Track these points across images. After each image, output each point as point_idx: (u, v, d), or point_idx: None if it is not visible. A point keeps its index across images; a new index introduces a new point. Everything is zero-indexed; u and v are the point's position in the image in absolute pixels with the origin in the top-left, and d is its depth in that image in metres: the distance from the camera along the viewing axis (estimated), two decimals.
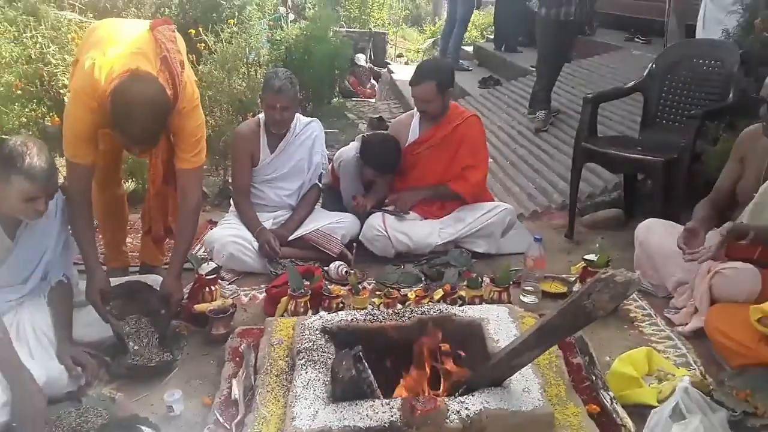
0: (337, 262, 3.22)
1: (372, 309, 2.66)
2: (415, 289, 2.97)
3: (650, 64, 3.74)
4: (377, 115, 6.82)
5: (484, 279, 3.00)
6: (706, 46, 3.68)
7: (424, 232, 3.41)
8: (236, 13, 5.78)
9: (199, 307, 2.71)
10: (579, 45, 6.36)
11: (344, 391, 1.94)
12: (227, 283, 3.13)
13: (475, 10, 9.10)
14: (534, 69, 6.80)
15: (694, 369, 2.43)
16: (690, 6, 5.12)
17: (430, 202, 3.54)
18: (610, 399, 2.13)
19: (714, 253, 2.50)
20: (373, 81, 9.07)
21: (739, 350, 2.33)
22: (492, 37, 9.07)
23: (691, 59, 3.60)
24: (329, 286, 2.92)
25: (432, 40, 12.60)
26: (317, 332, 2.29)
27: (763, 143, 2.66)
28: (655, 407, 2.08)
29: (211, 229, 3.52)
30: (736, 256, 2.64)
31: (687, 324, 2.68)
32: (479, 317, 2.38)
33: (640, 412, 2.13)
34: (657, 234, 2.90)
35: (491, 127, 5.75)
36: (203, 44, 4.99)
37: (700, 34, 4.57)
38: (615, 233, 3.76)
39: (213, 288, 2.83)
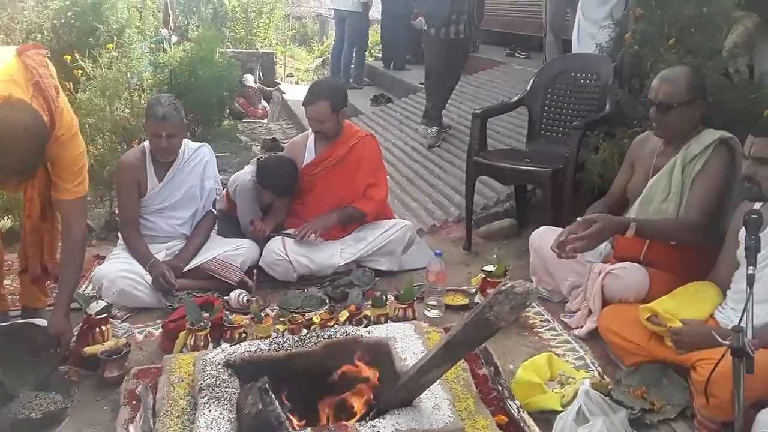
0: (238, 291, 3.12)
1: (276, 337, 2.58)
2: (319, 312, 2.92)
3: (532, 79, 3.91)
4: (270, 137, 6.73)
5: (388, 297, 3.01)
6: (582, 60, 3.89)
7: (325, 253, 3.37)
8: (115, 37, 5.54)
9: (90, 349, 2.54)
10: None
11: (251, 427, 1.87)
12: (119, 321, 2.95)
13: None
14: (423, 86, 6.98)
15: (593, 370, 2.53)
16: (564, 22, 5.39)
17: None
18: (517, 408, 2.16)
19: (583, 242, 2.56)
20: (264, 102, 8.97)
21: (632, 349, 2.45)
22: (380, 55, 9.22)
23: (569, 73, 3.79)
24: (230, 317, 2.81)
25: (321, 59, 12.64)
26: (219, 367, 2.19)
27: (651, 146, 2.84)
28: (560, 412, 2.15)
29: (99, 264, 3.31)
30: (624, 257, 2.79)
31: (582, 326, 2.78)
32: (386, 336, 2.36)
33: (545, 417, 2.19)
34: (549, 241, 3.00)
35: (385, 144, 5.81)
36: (80, 70, 4.73)
37: (575, 48, 4.81)
38: (510, 242, 3.89)
39: (103, 328, 2.67)
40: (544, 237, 3.04)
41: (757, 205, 2.31)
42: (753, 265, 1.95)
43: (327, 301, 3.12)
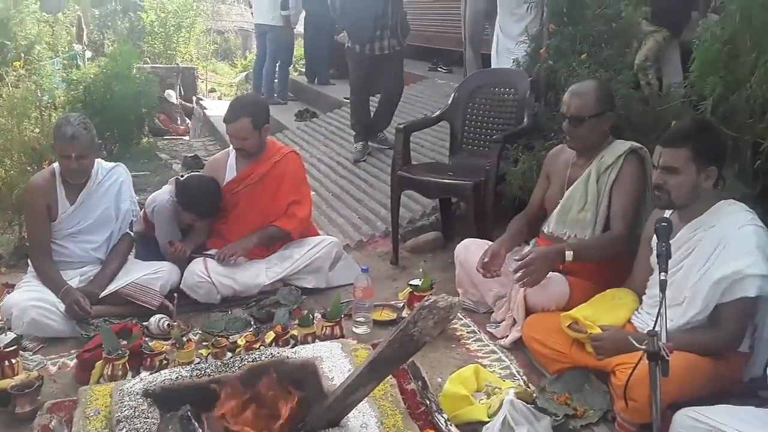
0: (158, 316, 3.00)
1: (199, 362, 2.50)
2: (244, 334, 2.85)
3: (452, 94, 3.97)
4: (192, 154, 6.57)
5: (315, 315, 2.96)
6: (500, 75, 3.98)
7: (250, 273, 3.30)
8: (23, 54, 5.29)
9: None
10: None
11: None
12: (30, 353, 2.79)
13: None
14: (347, 100, 6.99)
15: (518, 379, 2.56)
16: (482, 37, 5.52)
17: None
18: (444, 421, 2.16)
19: (531, 279, 2.63)
20: (185, 118, 8.77)
21: (555, 356, 2.50)
22: (304, 70, 9.19)
23: (488, 87, 3.88)
24: (150, 343, 2.71)
25: (244, 73, 12.50)
26: (138, 397, 2.10)
27: (565, 157, 2.92)
28: (487, 422, 2.16)
29: (8, 293, 3.11)
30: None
31: (507, 336, 2.82)
32: (313, 356, 2.33)
33: (473, 429, 2.21)
34: (474, 252, 3.05)
35: (311, 159, 5.78)
36: None
37: (494, 63, 4.92)
38: (436, 255, 3.92)
39: (13, 361, 2.52)
40: (468, 249, 3.08)
41: (667, 213, 2.41)
42: (665, 271, 2.03)
43: (252, 323, 3.05)
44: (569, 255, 2.62)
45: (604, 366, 2.31)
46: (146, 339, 2.79)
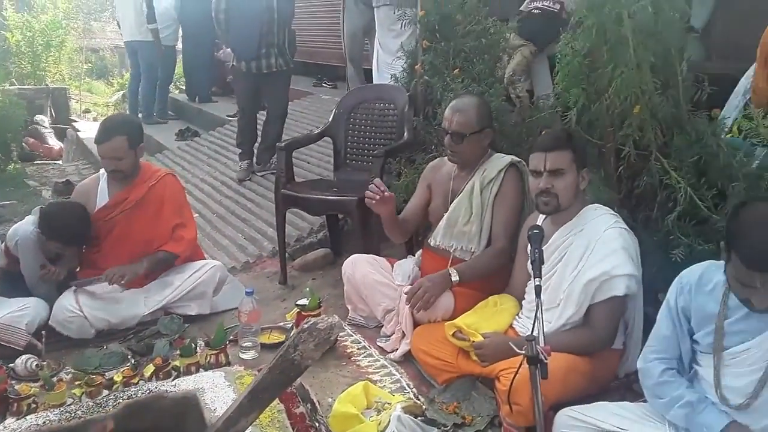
0: (25, 356, 2.76)
1: (71, 403, 2.33)
2: (122, 369, 2.68)
3: (333, 110, 3.97)
4: (63, 179, 6.18)
5: (198, 343, 2.84)
6: (378, 90, 4.03)
7: (126, 304, 3.13)
8: None
9: None
10: None
11: None
12: None
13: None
14: (231, 118, 6.84)
15: (408, 392, 2.56)
16: (363, 53, 5.56)
17: None
18: None
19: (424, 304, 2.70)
20: (57, 141, 8.26)
21: (443, 366, 2.53)
22: (185, 87, 8.92)
23: (368, 103, 3.90)
24: (16, 386, 2.50)
25: (121, 93, 11.97)
26: None
27: (447, 169, 2.97)
28: None
29: None
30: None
31: (397, 349, 2.83)
32: (194, 388, 2.22)
33: None
34: (361, 268, 3.04)
35: (193, 180, 5.60)
36: None
37: (375, 78, 4.98)
38: (326, 272, 3.88)
39: None
40: (356, 265, 3.07)
41: (540, 219, 2.50)
42: (539, 276, 2.10)
43: (130, 357, 2.88)
44: (455, 278, 2.70)
45: (489, 373, 2.35)
46: (12, 382, 2.58)
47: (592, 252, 2.29)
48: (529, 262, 2.20)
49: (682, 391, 1.88)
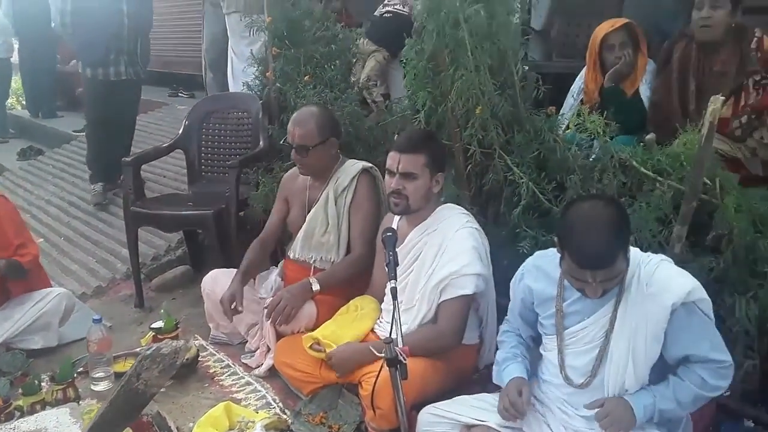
0: None
1: None
2: None
3: (184, 121, 3.82)
4: None
5: (43, 378, 2.62)
6: (230, 99, 3.93)
7: None
8: None
9: None
10: None
11: None
12: None
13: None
14: (78, 134, 6.40)
15: (274, 407, 2.52)
16: (222, 59, 5.37)
17: None
18: None
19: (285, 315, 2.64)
20: None
21: (307, 378, 2.48)
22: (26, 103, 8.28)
23: (221, 112, 3.79)
24: None
25: None
26: None
27: (302, 180, 2.93)
28: None
29: None
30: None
31: (262, 365, 2.76)
32: (35, 429, 2.04)
33: None
34: (221, 283, 2.93)
35: (38, 202, 5.20)
36: None
37: (232, 86, 4.86)
38: (187, 290, 3.72)
39: None
40: (216, 280, 2.96)
41: (395, 219, 2.52)
42: (394, 278, 2.10)
43: None
44: (316, 287, 2.68)
45: (352, 379, 2.34)
46: None
47: (444, 252, 2.33)
48: (385, 264, 2.21)
49: (500, 352, 2.04)
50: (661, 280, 1.79)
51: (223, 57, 5.37)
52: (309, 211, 2.86)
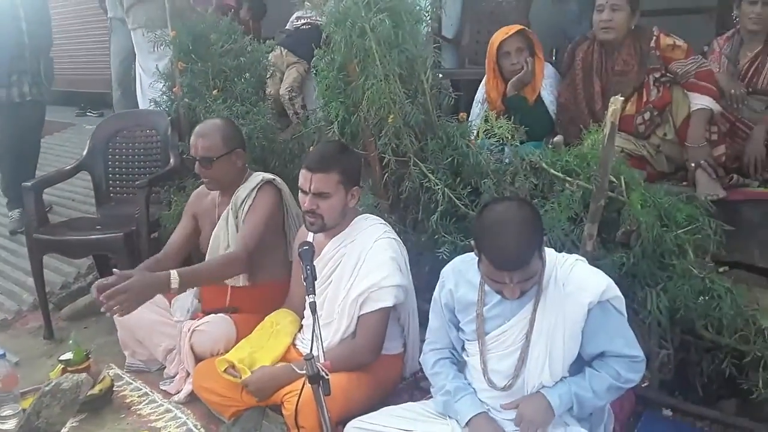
0: None
1: None
2: None
3: (88, 142, 3.65)
4: None
5: None
6: (137, 117, 3.79)
7: None
8: None
9: None
10: None
11: None
12: None
13: None
14: None
15: None
16: (131, 75, 5.17)
17: None
18: None
19: (124, 297, 2.27)
20: None
21: (227, 402, 2.39)
22: None
23: (129, 130, 3.65)
24: None
25: None
26: None
27: (212, 197, 2.85)
28: None
29: None
30: (211, 309, 2.73)
31: (182, 390, 2.65)
32: None
33: None
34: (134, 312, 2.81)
35: None
36: None
37: (141, 103, 4.68)
38: (100, 318, 3.51)
39: None
40: None
41: (310, 234, 2.47)
42: (312, 293, 2.06)
43: None
44: (175, 280, 2.40)
45: (275, 400, 2.27)
46: None
47: (363, 264, 2.30)
48: (303, 279, 2.16)
49: (445, 381, 1.98)
50: (577, 280, 1.82)
51: (132, 74, 5.18)
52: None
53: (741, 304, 2.23)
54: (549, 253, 1.88)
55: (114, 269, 2.42)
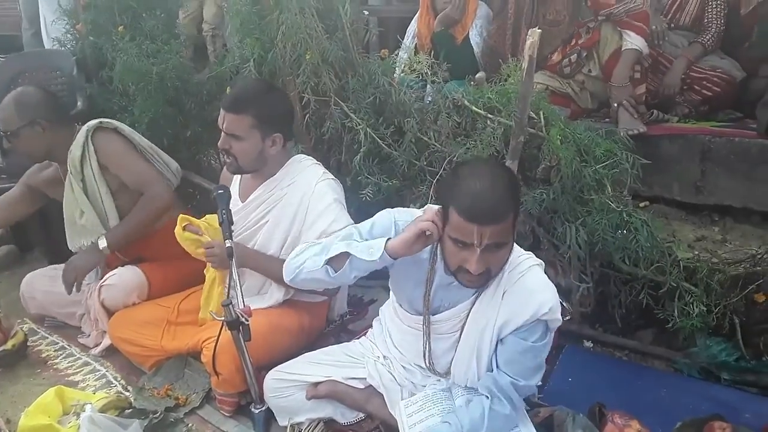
0: None
1: None
2: None
3: None
4: None
5: None
6: (39, 57, 3.50)
7: None
8: None
9: None
10: None
11: None
12: None
13: None
14: None
15: (116, 386, 2.35)
16: (38, 14, 4.82)
17: None
18: None
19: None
20: None
21: (147, 352, 2.33)
22: None
23: (32, 72, 3.35)
24: None
25: None
26: None
27: (53, 169, 2.69)
28: None
29: None
30: (115, 266, 2.62)
31: (100, 344, 2.56)
32: None
33: None
34: (40, 286, 2.73)
35: None
36: None
37: (46, 43, 4.39)
38: (13, 272, 3.33)
39: None
40: (33, 284, 2.75)
41: (235, 178, 2.36)
42: (230, 238, 2.00)
43: None
44: (102, 244, 2.46)
45: (195, 346, 2.21)
46: None
47: (307, 209, 2.19)
48: (218, 223, 2.08)
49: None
50: (523, 292, 1.69)
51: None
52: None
53: (657, 237, 2.28)
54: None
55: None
